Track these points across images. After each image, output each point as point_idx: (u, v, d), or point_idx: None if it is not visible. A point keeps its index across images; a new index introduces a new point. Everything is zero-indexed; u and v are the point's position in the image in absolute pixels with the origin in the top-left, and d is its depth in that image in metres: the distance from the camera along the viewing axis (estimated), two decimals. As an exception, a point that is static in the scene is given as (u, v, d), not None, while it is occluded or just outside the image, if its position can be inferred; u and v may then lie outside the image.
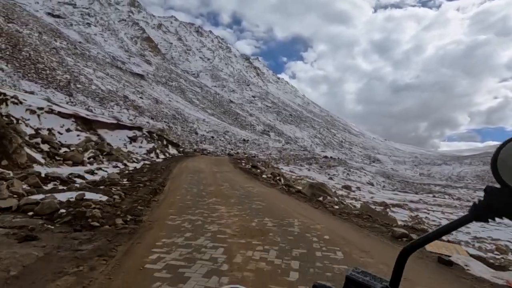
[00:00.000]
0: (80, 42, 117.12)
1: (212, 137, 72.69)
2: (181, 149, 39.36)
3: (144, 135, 28.68)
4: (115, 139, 25.33)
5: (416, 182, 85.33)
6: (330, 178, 52.18)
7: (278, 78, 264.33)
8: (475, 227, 20.42)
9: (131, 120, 59.28)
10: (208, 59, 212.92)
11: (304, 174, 49.70)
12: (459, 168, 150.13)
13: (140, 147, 26.46)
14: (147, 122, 61.31)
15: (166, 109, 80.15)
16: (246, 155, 64.30)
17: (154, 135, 31.97)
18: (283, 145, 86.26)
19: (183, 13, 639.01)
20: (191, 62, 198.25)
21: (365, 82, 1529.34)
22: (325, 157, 79.42)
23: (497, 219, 0.52)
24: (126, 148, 24.97)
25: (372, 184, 61.40)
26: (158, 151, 27.18)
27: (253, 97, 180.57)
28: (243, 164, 25.19)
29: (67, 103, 51.81)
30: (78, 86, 63.53)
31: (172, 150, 33.00)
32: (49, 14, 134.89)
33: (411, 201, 40.27)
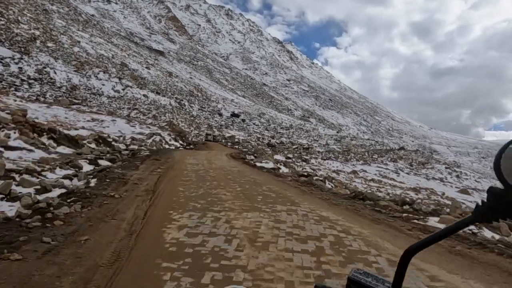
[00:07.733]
0: (92, 15, 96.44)
1: (243, 120, 48.58)
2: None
3: None
4: None
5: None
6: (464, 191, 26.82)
7: (312, 63, 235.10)
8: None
9: (117, 91, 36.30)
10: (239, 42, 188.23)
11: (428, 187, 24.81)
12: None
13: None
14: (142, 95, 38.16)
15: (182, 84, 56.82)
16: (295, 147, 39.56)
17: None
18: (337, 132, 60.58)
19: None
20: (220, 44, 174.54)
21: (403, 67, 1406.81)
22: (402, 148, 53.13)
23: (501, 221, 0.46)
24: None
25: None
26: None
27: (288, 80, 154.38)
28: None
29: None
30: (49, 45, 41.38)
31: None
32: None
33: None
